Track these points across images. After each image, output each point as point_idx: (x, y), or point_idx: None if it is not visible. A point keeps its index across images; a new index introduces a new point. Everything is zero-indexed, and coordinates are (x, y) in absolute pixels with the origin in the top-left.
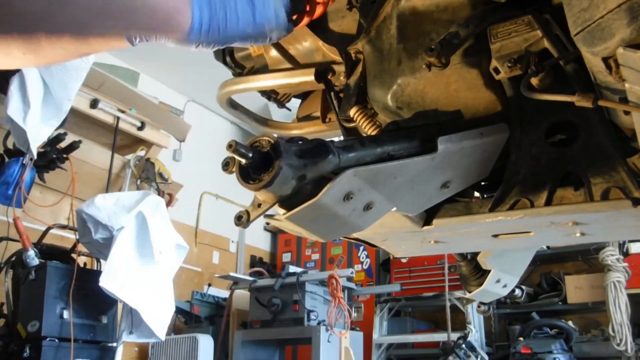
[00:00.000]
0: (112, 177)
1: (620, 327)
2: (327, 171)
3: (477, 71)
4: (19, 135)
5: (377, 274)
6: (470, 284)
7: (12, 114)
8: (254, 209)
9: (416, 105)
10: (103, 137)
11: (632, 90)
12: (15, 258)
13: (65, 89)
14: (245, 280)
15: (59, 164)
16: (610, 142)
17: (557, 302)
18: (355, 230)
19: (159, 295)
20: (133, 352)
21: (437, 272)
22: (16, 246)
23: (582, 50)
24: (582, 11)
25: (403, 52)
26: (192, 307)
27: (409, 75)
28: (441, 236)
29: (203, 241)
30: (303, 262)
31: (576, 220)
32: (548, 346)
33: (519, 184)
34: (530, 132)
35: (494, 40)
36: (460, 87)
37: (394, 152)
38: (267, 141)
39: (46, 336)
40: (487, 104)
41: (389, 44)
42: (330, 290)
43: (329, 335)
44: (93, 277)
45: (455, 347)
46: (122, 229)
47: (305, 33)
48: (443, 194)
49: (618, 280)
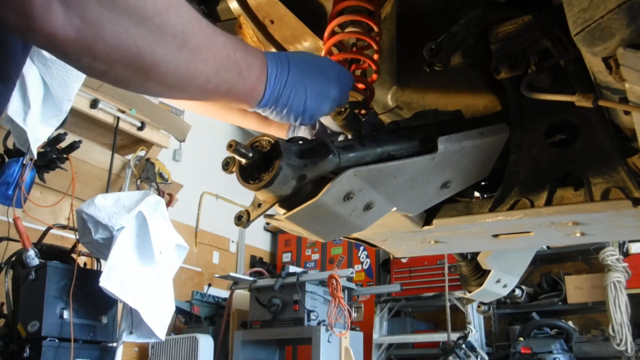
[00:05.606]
0: (112, 177)
1: (620, 327)
2: (327, 171)
3: (478, 71)
4: (19, 135)
5: (377, 274)
6: (470, 284)
7: (12, 114)
8: (254, 209)
9: (416, 105)
10: (103, 137)
11: (632, 90)
12: (15, 258)
13: (65, 89)
14: (245, 280)
15: (59, 164)
16: (610, 142)
17: (557, 302)
18: (355, 230)
19: (159, 295)
20: (133, 352)
21: (437, 272)
22: (16, 246)
23: (582, 50)
24: (582, 11)
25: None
26: (192, 307)
27: (409, 75)
28: (441, 236)
29: (203, 241)
30: (303, 262)
31: (576, 220)
32: (548, 346)
33: (519, 184)
34: (530, 132)
35: (494, 41)
36: (460, 87)
37: (394, 152)
38: (267, 141)
39: (46, 336)
40: (487, 104)
41: (389, 44)
42: (330, 290)
43: (329, 335)
44: (93, 277)
45: (455, 347)
46: (122, 229)
47: (305, 33)
48: (443, 194)
49: (618, 280)
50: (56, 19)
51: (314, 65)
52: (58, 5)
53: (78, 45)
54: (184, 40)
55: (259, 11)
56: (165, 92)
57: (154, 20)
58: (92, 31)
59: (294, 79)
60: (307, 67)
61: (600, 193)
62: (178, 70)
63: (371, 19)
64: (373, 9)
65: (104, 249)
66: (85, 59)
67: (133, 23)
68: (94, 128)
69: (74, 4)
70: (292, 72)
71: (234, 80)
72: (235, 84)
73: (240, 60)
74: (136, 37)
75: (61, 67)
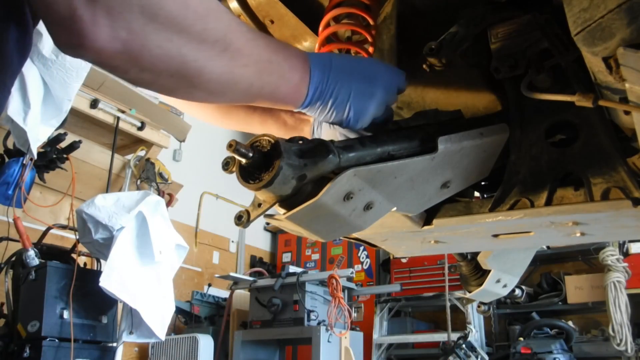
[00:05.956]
0: (112, 177)
1: (620, 327)
2: (327, 171)
3: (478, 71)
4: (19, 135)
5: (377, 274)
6: (470, 284)
7: (12, 114)
8: (254, 208)
9: (416, 105)
10: (103, 137)
11: (632, 90)
12: (15, 258)
13: (65, 89)
14: (245, 280)
15: (59, 164)
16: (610, 142)
17: (557, 302)
18: (355, 230)
19: (159, 295)
20: (133, 352)
21: (437, 272)
22: (16, 246)
23: (582, 50)
24: (582, 11)
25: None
26: (192, 307)
27: (409, 75)
28: (441, 236)
29: (203, 241)
30: (303, 262)
31: (576, 220)
32: (548, 346)
33: (519, 184)
34: (530, 132)
35: (494, 40)
36: (460, 87)
37: (394, 152)
38: (267, 141)
39: (46, 336)
40: (487, 104)
41: (389, 44)
42: (330, 290)
43: (329, 335)
44: (93, 277)
45: (456, 347)
46: (122, 229)
47: (305, 33)
48: (443, 194)
49: (618, 280)
50: (104, 33)
51: (358, 65)
52: (105, 20)
53: (125, 57)
54: (225, 45)
55: (259, 11)
56: (210, 98)
57: (195, 27)
58: (138, 43)
59: (336, 79)
60: (349, 68)
61: (600, 193)
62: (221, 76)
63: (367, 12)
64: (369, 3)
65: (104, 249)
66: (133, 70)
67: (176, 31)
68: (94, 128)
69: (119, 18)
70: (334, 73)
71: (277, 83)
72: (278, 87)
73: (282, 63)
74: (179, 45)
75: (61, 67)
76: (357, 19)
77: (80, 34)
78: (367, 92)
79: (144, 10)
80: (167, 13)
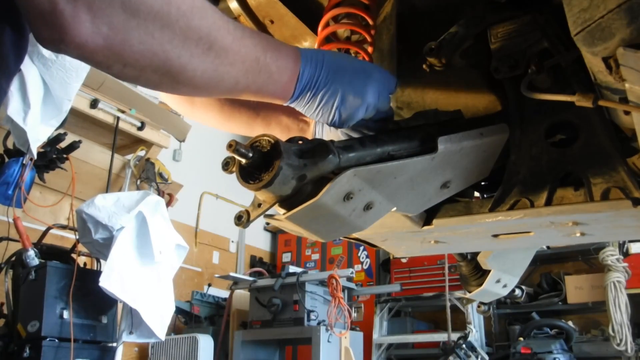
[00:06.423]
0: (112, 177)
1: (620, 327)
2: (327, 171)
3: (477, 71)
4: (19, 135)
5: (377, 274)
6: (470, 284)
7: (12, 114)
8: (254, 208)
9: (416, 105)
10: (103, 137)
11: (632, 90)
12: (15, 258)
13: (65, 89)
14: (245, 280)
15: (59, 164)
16: (610, 142)
17: (557, 302)
18: (355, 230)
19: (159, 295)
20: (133, 352)
21: (437, 272)
22: (16, 246)
23: (582, 50)
24: (582, 11)
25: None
26: (192, 307)
27: (409, 75)
28: (441, 236)
29: (203, 241)
30: (303, 262)
31: (576, 220)
32: (548, 346)
33: (519, 184)
34: (530, 132)
35: (494, 41)
36: (460, 87)
37: (394, 152)
38: (267, 141)
39: (46, 336)
40: (487, 104)
41: (389, 44)
42: (330, 290)
43: (329, 335)
44: (93, 277)
45: (456, 347)
46: (122, 229)
47: (305, 33)
48: (443, 194)
49: (618, 280)
50: (85, 28)
51: (351, 67)
52: (86, 15)
53: (107, 52)
54: (210, 42)
55: (259, 11)
56: (196, 93)
57: (178, 23)
58: (120, 38)
59: (326, 80)
60: (342, 69)
61: (600, 193)
62: (205, 74)
63: (366, 12)
64: (369, 2)
65: (104, 249)
66: (116, 65)
67: (158, 27)
68: (94, 128)
69: (100, 13)
70: (325, 73)
71: (264, 82)
72: (265, 85)
73: (271, 63)
74: (162, 41)
75: (61, 67)
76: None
77: (61, 29)
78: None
79: (125, 5)
80: (148, 9)
